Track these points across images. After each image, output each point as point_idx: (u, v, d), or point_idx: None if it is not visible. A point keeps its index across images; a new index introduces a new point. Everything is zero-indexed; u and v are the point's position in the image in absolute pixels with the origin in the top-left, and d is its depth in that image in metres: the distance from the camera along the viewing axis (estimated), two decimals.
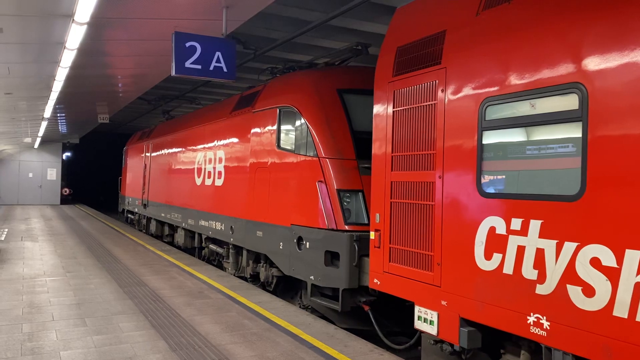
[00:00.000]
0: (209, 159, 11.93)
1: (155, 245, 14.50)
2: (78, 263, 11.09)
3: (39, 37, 7.89)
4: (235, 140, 10.44)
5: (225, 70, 7.95)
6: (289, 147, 8.23)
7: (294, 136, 8.13)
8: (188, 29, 7.83)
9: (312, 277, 7.30)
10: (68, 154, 38.13)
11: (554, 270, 3.95)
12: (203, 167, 12.25)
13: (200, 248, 13.19)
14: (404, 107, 5.64)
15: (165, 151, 15.96)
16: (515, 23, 4.45)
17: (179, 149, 14.45)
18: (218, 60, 7.88)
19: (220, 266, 11.78)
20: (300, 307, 8.19)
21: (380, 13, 10.21)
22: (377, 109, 6.08)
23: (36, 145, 30.70)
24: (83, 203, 35.41)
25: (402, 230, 5.55)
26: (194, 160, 12.98)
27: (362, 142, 7.40)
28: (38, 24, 7.24)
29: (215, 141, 11.59)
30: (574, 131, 3.92)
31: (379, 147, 6.02)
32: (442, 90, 5.10)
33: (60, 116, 20.15)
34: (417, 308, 5.29)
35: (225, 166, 10.84)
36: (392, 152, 5.77)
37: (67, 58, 9.06)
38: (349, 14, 9.96)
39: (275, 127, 8.68)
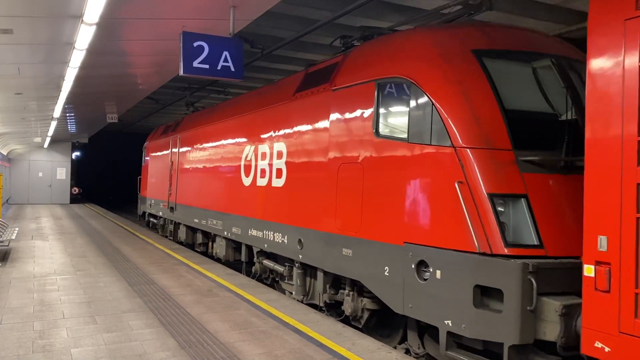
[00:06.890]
0: (262, 153, 9.60)
1: (164, 244, 14.58)
2: (88, 261, 11.18)
3: (49, 37, 7.96)
4: (303, 128, 8.15)
5: (232, 69, 8.00)
6: (398, 135, 6.07)
7: (407, 119, 5.98)
8: (196, 28, 7.89)
9: (448, 322, 5.17)
10: (77, 153, 38.38)
11: None
12: (253, 163, 9.94)
13: (249, 262, 10.67)
14: None
15: (199, 145, 13.58)
16: None
17: (219, 143, 12.08)
18: (225, 60, 7.93)
19: (273, 286, 9.63)
20: (413, 356, 6.22)
21: (387, 11, 10.19)
22: (602, 64, 4.09)
23: (46, 145, 30.95)
24: (92, 202, 35.62)
25: None
26: (240, 156, 10.59)
27: (520, 125, 5.37)
28: (47, 24, 7.31)
29: (272, 131, 9.22)
30: None
31: (606, 126, 4.02)
32: None
33: (69, 116, 20.30)
34: None
35: (287, 162, 8.56)
36: None
37: (77, 58, 9.14)
38: (356, 12, 9.96)
39: (372, 108, 6.50)
